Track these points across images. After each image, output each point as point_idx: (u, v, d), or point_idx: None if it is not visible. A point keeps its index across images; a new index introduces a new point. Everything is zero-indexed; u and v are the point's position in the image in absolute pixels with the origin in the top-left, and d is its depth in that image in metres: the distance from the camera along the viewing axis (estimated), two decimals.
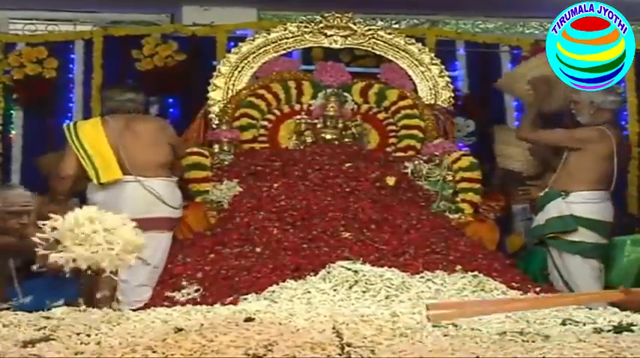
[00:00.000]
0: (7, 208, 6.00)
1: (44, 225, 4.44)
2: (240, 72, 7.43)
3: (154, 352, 3.99)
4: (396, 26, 8.75)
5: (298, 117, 7.26)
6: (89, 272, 4.61)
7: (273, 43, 7.52)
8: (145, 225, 6.11)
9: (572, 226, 6.30)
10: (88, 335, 4.29)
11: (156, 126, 6.42)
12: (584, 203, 6.34)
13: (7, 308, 5.32)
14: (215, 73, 7.42)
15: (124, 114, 6.38)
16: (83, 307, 4.99)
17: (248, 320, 4.40)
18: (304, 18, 7.80)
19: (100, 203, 6.19)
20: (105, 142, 6.30)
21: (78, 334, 4.30)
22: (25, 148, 7.85)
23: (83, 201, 6.31)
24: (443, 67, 7.58)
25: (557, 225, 6.33)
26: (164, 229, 6.20)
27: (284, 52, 7.58)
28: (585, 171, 6.35)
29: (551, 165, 6.61)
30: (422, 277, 5.59)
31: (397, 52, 7.55)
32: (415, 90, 7.49)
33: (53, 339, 4.19)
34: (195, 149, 6.82)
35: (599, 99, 6.41)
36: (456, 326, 4.54)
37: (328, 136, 7.11)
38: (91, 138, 6.34)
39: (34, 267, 5.06)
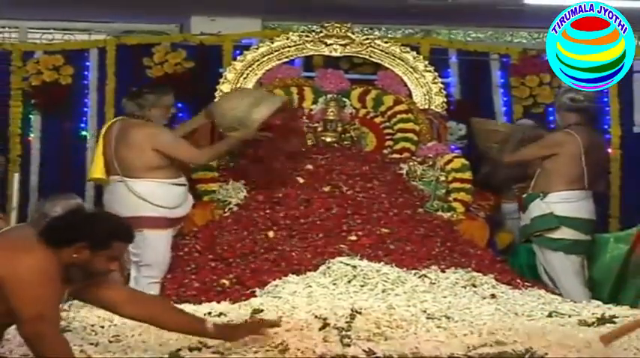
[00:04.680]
0: None
1: None
2: (245, 78, 7.42)
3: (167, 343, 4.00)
4: (392, 35, 8.74)
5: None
6: None
7: (277, 51, 7.50)
8: (135, 223, 6.13)
9: (554, 224, 6.32)
10: (102, 327, 4.30)
11: (143, 132, 6.21)
12: (562, 202, 6.36)
13: None
14: (221, 80, 7.40)
15: (127, 119, 6.35)
16: None
17: (255, 312, 4.41)
18: (306, 28, 7.78)
19: (105, 200, 6.30)
20: (101, 143, 6.34)
21: (92, 325, 4.31)
22: (43, 151, 7.83)
23: None
24: (436, 73, 7.56)
25: (540, 224, 6.35)
26: (153, 228, 6.08)
27: (286, 59, 7.56)
28: (559, 173, 6.38)
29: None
30: (416, 272, 5.59)
31: (393, 59, 7.54)
32: (410, 96, 7.47)
33: (69, 330, 4.20)
34: None
35: (576, 104, 6.44)
36: (448, 318, 4.56)
37: (328, 139, 7.10)
38: (100, 139, 6.42)
39: None
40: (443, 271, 5.66)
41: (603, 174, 6.60)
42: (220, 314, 4.53)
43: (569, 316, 4.77)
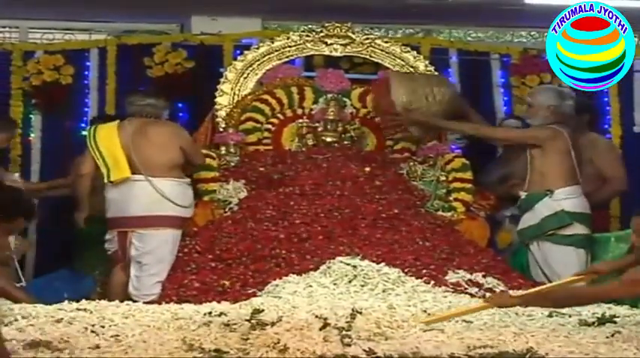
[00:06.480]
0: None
1: None
2: (245, 78, 7.43)
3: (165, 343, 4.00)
4: (393, 35, 8.73)
5: (300, 120, 7.25)
6: None
7: (277, 51, 7.50)
8: (151, 221, 6.17)
9: (567, 221, 6.31)
10: (102, 327, 4.30)
11: (169, 130, 6.39)
12: (569, 198, 6.36)
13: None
14: (222, 80, 7.40)
15: (141, 118, 6.38)
16: (99, 300, 5.01)
17: (256, 312, 4.41)
18: (306, 27, 7.76)
19: (113, 199, 6.25)
20: (117, 144, 6.31)
21: (92, 325, 4.31)
22: (44, 150, 7.83)
23: None
24: (437, 73, 7.57)
25: (554, 222, 6.33)
26: (171, 226, 6.16)
27: (287, 59, 7.56)
28: (554, 169, 6.36)
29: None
30: (417, 271, 5.59)
31: (393, 59, 7.54)
32: None
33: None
34: (203, 151, 6.81)
35: (557, 103, 6.43)
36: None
37: (328, 139, 7.10)
38: (107, 141, 6.36)
39: None
40: (443, 271, 5.66)
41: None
42: (221, 313, 4.52)
43: (570, 316, 4.77)
